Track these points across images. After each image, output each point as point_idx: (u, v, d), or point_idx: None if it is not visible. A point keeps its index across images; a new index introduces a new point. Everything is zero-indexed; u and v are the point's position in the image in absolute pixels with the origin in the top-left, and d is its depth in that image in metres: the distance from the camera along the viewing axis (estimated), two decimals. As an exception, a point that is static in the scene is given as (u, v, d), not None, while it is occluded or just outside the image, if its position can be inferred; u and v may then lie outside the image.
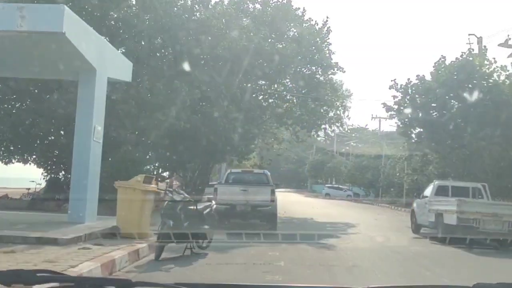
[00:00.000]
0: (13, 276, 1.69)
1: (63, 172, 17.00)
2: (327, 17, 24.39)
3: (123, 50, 16.08)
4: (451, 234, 12.15)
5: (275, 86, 24.34)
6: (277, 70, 22.70)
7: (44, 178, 17.78)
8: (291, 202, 28.29)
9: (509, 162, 18.77)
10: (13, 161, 17.29)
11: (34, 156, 17.67)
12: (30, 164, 18.00)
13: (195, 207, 8.50)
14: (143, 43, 15.87)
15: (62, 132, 16.67)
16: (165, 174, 21.18)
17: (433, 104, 21.03)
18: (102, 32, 15.02)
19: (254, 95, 21.73)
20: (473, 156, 19.35)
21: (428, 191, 15.13)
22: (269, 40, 22.13)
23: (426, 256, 10.54)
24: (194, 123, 16.50)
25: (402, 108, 21.24)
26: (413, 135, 22.38)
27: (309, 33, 23.40)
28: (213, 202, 9.28)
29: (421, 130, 21.94)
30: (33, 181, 18.66)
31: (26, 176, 20.01)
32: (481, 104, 19.04)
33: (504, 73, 19.87)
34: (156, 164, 20.27)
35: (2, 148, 16.97)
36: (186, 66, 17.24)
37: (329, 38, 24.40)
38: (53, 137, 16.88)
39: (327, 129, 28.56)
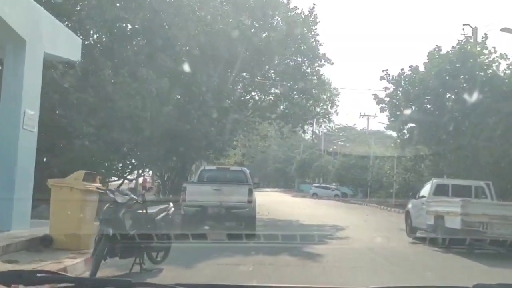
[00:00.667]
0: (14, 277, 1.72)
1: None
2: (314, 4, 22.70)
3: (87, 40, 14.35)
4: (454, 239, 10.67)
5: (258, 78, 22.64)
6: (260, 60, 21.06)
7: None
8: (276, 202, 27.08)
9: (510, 159, 17.29)
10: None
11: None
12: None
13: (144, 211, 6.74)
14: (98, 21, 14.01)
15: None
16: (135, 173, 19.29)
17: (427, 97, 19.56)
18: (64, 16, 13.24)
19: (234, 87, 20.01)
20: (471, 153, 17.86)
21: (426, 190, 13.58)
22: (252, 30, 20.49)
23: (427, 265, 8.97)
24: (164, 115, 14.71)
25: (394, 100, 19.71)
26: (405, 131, 20.87)
27: (294, 21, 21.81)
28: (171, 204, 7.55)
29: (414, 125, 20.45)
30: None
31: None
32: (479, 97, 17.58)
33: (504, 63, 18.41)
34: (127, 162, 18.40)
35: None
36: (155, 52, 15.48)
37: (316, 29, 22.95)
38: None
39: (313, 124, 26.94)
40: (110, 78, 13.74)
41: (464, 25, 23.17)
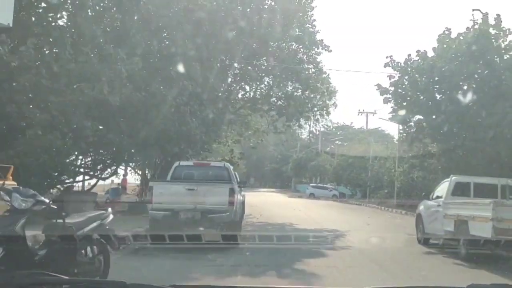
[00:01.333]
0: (8, 278, 1.77)
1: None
2: (309, -14, 20.65)
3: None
4: (482, 250, 8.67)
5: (249, 68, 20.55)
6: (251, 45, 19.05)
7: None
8: (271, 203, 25.55)
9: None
10: None
11: None
12: None
13: (60, 221, 4.62)
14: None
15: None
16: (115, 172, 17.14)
17: (436, 86, 17.51)
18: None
19: (220, 74, 17.93)
20: (488, 147, 15.81)
21: (442, 190, 11.52)
22: (242, 11, 18.47)
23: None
24: (136, 100, 12.61)
25: (399, 90, 17.65)
26: (412, 123, 18.83)
27: (289, 2, 19.84)
28: (109, 210, 5.47)
29: (421, 117, 18.40)
30: None
31: None
32: (499, 84, 15.57)
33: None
34: (97, 157, 16.27)
35: None
36: (128, 30, 13.42)
37: (313, 14, 20.99)
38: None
39: (311, 119, 24.88)
40: (71, 56, 11.62)
41: (474, 10, 21.05)
